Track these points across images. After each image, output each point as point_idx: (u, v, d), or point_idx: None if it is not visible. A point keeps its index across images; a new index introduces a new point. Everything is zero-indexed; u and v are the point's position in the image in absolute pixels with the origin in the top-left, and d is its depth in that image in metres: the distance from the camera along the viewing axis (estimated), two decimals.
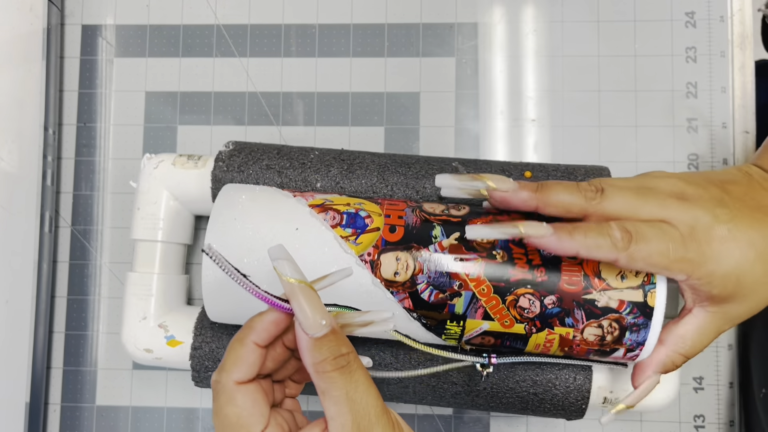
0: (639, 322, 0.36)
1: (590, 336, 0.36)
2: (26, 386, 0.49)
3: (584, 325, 0.36)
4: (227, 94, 0.52)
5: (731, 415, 0.48)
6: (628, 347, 0.36)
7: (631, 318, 0.36)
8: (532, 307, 0.36)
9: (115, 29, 0.53)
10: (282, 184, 0.43)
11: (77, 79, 0.52)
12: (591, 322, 0.36)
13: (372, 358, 0.42)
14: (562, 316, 0.36)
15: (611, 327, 0.36)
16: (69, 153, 0.52)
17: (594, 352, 0.37)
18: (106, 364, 0.51)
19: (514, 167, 0.43)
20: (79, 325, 0.51)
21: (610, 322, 0.36)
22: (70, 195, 0.52)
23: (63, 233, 0.52)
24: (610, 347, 0.36)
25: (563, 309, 0.36)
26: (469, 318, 0.36)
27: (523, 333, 0.37)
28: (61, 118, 0.52)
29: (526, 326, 0.36)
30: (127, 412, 0.50)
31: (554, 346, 0.37)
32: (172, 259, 0.46)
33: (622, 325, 0.36)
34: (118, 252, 0.51)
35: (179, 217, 0.46)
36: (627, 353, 0.37)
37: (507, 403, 0.42)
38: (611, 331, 0.36)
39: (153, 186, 0.45)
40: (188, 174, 0.44)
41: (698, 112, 0.50)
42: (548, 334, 0.36)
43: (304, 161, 0.43)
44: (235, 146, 0.44)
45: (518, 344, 0.37)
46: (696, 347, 0.36)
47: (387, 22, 0.51)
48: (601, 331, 0.36)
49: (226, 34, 0.52)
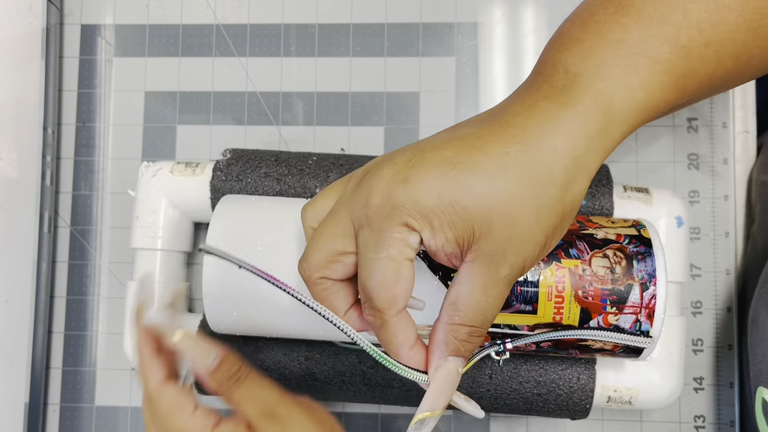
0: (641, 250, 0.36)
1: (599, 269, 0.36)
2: (25, 386, 0.49)
3: (590, 256, 0.36)
4: (227, 94, 0.52)
5: (731, 415, 0.48)
6: (640, 282, 0.36)
7: (633, 247, 0.36)
8: None
9: (114, 29, 0.53)
10: (281, 192, 0.43)
11: (76, 79, 0.52)
12: (596, 252, 0.36)
13: (375, 362, 0.42)
14: (566, 247, 0.36)
15: (616, 256, 0.36)
16: (68, 153, 0.52)
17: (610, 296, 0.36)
18: (106, 364, 0.51)
19: None
20: (78, 326, 0.51)
21: (613, 251, 0.36)
22: (70, 195, 0.52)
23: (62, 233, 0.51)
24: (624, 283, 0.36)
25: (565, 241, 0.36)
26: None
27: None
28: (60, 117, 0.52)
29: None
30: (127, 412, 0.50)
31: (567, 289, 0.36)
32: (172, 267, 0.46)
33: (626, 253, 0.36)
34: (118, 252, 0.51)
35: (179, 225, 0.45)
36: (643, 293, 0.36)
37: (511, 404, 0.42)
38: (618, 261, 0.36)
39: (151, 194, 0.44)
40: (186, 181, 0.44)
41: (698, 111, 0.50)
42: (557, 269, 0.36)
43: (302, 167, 0.43)
44: (233, 154, 0.44)
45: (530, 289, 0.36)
46: (471, 309, 0.29)
47: (387, 22, 0.51)
48: (608, 261, 0.36)
49: (225, 33, 0.52)
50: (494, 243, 0.29)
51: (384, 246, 0.29)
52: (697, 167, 0.49)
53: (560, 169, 0.29)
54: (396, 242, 0.29)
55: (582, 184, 0.30)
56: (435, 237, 0.29)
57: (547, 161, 0.28)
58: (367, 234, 0.29)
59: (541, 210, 0.29)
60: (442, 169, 0.29)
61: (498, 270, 0.29)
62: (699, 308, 0.48)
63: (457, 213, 0.28)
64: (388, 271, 0.29)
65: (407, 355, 0.30)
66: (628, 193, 0.42)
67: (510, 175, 0.28)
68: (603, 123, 0.29)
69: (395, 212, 0.29)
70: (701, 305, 0.48)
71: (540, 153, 0.29)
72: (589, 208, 0.42)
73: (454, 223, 0.28)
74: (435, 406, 0.30)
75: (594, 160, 0.30)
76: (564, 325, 0.36)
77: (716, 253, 0.48)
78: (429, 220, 0.29)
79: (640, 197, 0.42)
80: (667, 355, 0.42)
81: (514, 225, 0.28)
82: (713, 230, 0.49)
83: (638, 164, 0.49)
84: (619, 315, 0.36)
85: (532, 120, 0.29)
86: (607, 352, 0.37)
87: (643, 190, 0.43)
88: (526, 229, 0.29)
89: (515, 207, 0.28)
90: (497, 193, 0.28)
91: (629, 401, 0.42)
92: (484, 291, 0.29)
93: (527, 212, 0.28)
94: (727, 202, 0.49)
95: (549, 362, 0.41)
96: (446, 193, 0.28)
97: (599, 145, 0.29)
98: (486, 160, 0.28)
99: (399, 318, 0.30)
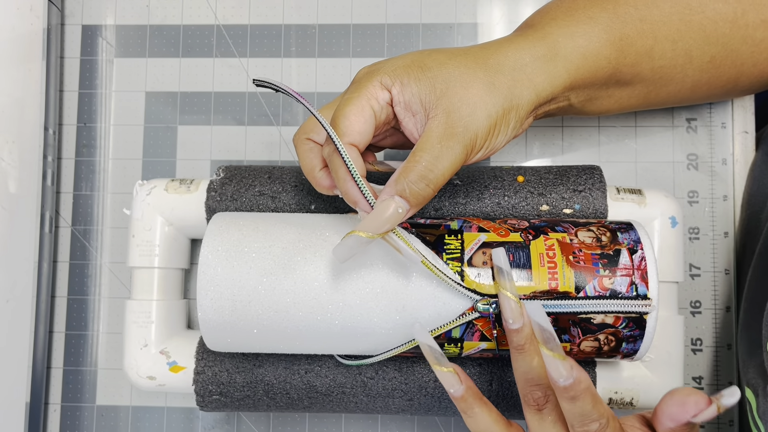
0: (623, 227, 0.39)
1: (586, 238, 0.38)
2: (26, 386, 0.49)
3: (575, 230, 0.38)
4: (227, 94, 0.52)
5: (731, 415, 0.48)
6: (627, 247, 0.37)
7: (614, 225, 0.39)
8: (520, 224, 0.39)
9: (115, 29, 0.53)
10: (276, 209, 0.43)
11: (77, 80, 0.53)
12: (580, 228, 0.38)
13: (375, 372, 0.42)
14: (551, 225, 0.39)
15: (600, 231, 0.38)
16: (69, 153, 0.52)
17: (600, 260, 0.37)
18: (106, 364, 0.51)
19: (507, 172, 0.43)
20: (79, 325, 0.51)
21: (597, 227, 0.39)
22: (71, 195, 0.52)
23: (63, 233, 0.52)
24: (611, 249, 0.37)
25: (548, 224, 0.39)
26: (465, 232, 0.38)
27: (521, 240, 0.37)
28: (61, 118, 0.52)
29: (521, 234, 0.38)
30: (127, 412, 0.50)
31: (558, 255, 0.37)
32: (170, 285, 0.46)
33: (609, 228, 0.38)
34: (118, 252, 0.51)
35: (175, 242, 0.45)
36: (632, 256, 0.37)
37: (514, 406, 0.42)
38: (603, 233, 0.38)
39: (147, 213, 0.44)
40: (181, 199, 0.44)
41: (697, 112, 0.50)
42: (545, 240, 0.38)
43: (296, 183, 0.44)
44: (226, 173, 0.44)
45: (522, 257, 0.37)
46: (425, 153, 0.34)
47: (387, 22, 0.52)
48: (593, 234, 0.38)
49: (226, 34, 0.52)
50: (452, 101, 0.34)
51: (357, 89, 0.35)
52: (697, 167, 0.49)
53: (509, 66, 0.36)
54: (368, 89, 0.35)
55: (527, 91, 0.36)
56: (403, 91, 0.35)
57: (500, 58, 0.36)
58: (350, 88, 0.36)
59: (492, 87, 0.35)
60: (417, 52, 0.37)
61: (454, 125, 0.34)
62: (698, 308, 0.48)
63: (422, 71, 0.35)
64: (352, 106, 0.35)
65: (350, 183, 0.34)
66: (621, 195, 0.43)
67: (469, 58, 0.36)
68: (549, 52, 0.37)
69: (374, 73, 0.36)
70: (700, 305, 0.48)
71: (495, 52, 0.36)
72: (582, 211, 0.42)
73: (419, 78, 0.35)
74: (369, 229, 0.33)
75: (539, 76, 0.36)
76: (562, 293, 0.36)
77: (715, 253, 0.49)
78: (399, 77, 0.35)
79: (634, 198, 0.42)
80: (666, 356, 0.42)
81: (469, 87, 0.35)
82: (712, 230, 0.49)
83: (637, 164, 0.49)
84: (614, 278, 0.36)
85: (494, 42, 0.38)
86: (609, 328, 0.37)
87: (636, 191, 0.43)
88: (479, 95, 0.35)
89: (471, 76, 0.35)
90: (458, 65, 0.35)
91: (631, 402, 0.42)
92: (439, 140, 0.34)
93: (481, 82, 0.35)
94: (726, 202, 0.49)
95: None
96: (416, 59, 0.36)
97: (544, 66, 0.36)
98: (452, 49, 0.37)
99: (350, 149, 0.35)
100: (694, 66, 0.40)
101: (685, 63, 0.39)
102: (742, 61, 0.40)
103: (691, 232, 0.49)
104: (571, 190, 0.42)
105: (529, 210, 0.42)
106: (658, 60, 0.39)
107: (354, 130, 0.35)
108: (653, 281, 0.36)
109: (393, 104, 0.36)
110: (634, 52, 0.38)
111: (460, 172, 0.43)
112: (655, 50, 0.39)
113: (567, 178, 0.43)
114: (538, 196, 0.42)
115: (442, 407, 0.43)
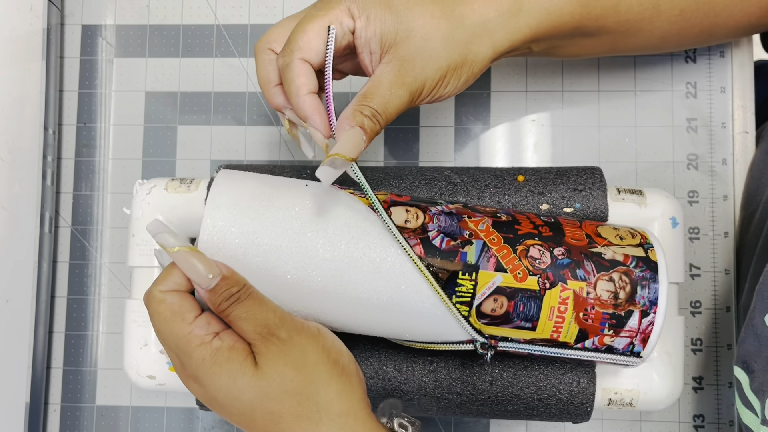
0: (647, 275, 0.36)
1: (603, 293, 0.36)
2: (26, 386, 0.49)
3: (596, 278, 0.36)
4: (227, 94, 0.52)
5: (730, 415, 0.48)
6: (641, 308, 0.36)
7: (639, 271, 0.37)
8: (543, 258, 0.36)
9: (115, 29, 0.53)
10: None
11: (77, 79, 0.53)
12: (602, 275, 0.36)
13: (375, 372, 0.42)
14: (573, 267, 0.36)
15: (622, 281, 0.36)
16: (69, 153, 0.52)
17: (609, 320, 0.36)
18: (106, 363, 0.51)
19: (507, 172, 0.43)
20: (79, 325, 0.51)
21: (620, 275, 0.37)
22: (70, 195, 0.52)
23: (63, 233, 0.52)
24: (625, 309, 0.36)
25: (573, 260, 0.37)
26: (481, 269, 0.36)
27: (536, 289, 0.36)
28: (61, 118, 0.52)
29: (539, 279, 0.36)
30: (127, 412, 0.50)
31: (569, 311, 0.36)
32: None
33: (631, 278, 0.36)
34: (118, 252, 0.51)
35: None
36: (642, 319, 0.36)
37: (513, 410, 0.42)
38: (623, 286, 0.36)
39: (147, 212, 0.44)
40: (182, 198, 0.44)
41: (698, 112, 0.50)
42: (562, 290, 0.36)
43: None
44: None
45: (532, 308, 0.36)
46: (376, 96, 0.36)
47: None
48: (613, 285, 0.36)
49: (226, 34, 0.52)
50: (408, 50, 0.36)
51: (324, 7, 0.36)
52: (697, 167, 0.49)
53: (471, 22, 0.37)
54: (335, 12, 0.36)
55: (485, 47, 0.37)
56: (367, 27, 0.36)
57: (464, 11, 0.37)
58: (317, 5, 0.37)
59: (450, 41, 0.36)
60: None
61: (405, 75, 0.36)
62: (698, 308, 0.48)
63: (390, 12, 0.36)
64: (314, 24, 0.36)
65: (303, 97, 0.36)
66: (622, 195, 0.42)
67: (436, 8, 0.37)
68: (513, 7, 0.37)
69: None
70: (700, 305, 0.48)
71: (461, 4, 0.37)
72: (583, 211, 0.42)
73: (384, 19, 0.36)
74: (346, 152, 0.34)
75: (500, 32, 0.37)
76: (559, 342, 0.37)
77: (715, 253, 0.49)
78: (367, 12, 0.36)
79: (634, 199, 0.42)
80: (666, 356, 0.42)
81: (427, 40, 0.36)
82: (712, 230, 0.49)
83: (637, 165, 0.49)
84: (615, 338, 0.37)
85: None
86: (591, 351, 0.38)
87: (636, 191, 0.43)
88: (434, 48, 0.36)
89: (432, 27, 0.36)
90: (423, 12, 0.36)
91: (630, 403, 0.42)
92: (390, 87, 0.36)
93: (440, 35, 0.36)
94: (726, 202, 0.49)
95: (549, 367, 0.41)
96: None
97: (506, 22, 0.37)
98: None
99: (302, 64, 0.36)
100: (663, 19, 0.40)
101: (653, 16, 0.40)
102: (715, 13, 0.40)
103: (691, 232, 0.49)
104: (571, 189, 0.42)
105: (530, 210, 0.42)
106: (624, 14, 0.39)
107: (310, 47, 0.36)
108: (651, 345, 0.37)
109: (354, 36, 0.37)
110: (599, 6, 0.38)
111: (460, 171, 0.43)
112: (622, 4, 0.39)
113: (567, 177, 0.43)
114: (538, 195, 0.42)
115: (441, 407, 0.42)
